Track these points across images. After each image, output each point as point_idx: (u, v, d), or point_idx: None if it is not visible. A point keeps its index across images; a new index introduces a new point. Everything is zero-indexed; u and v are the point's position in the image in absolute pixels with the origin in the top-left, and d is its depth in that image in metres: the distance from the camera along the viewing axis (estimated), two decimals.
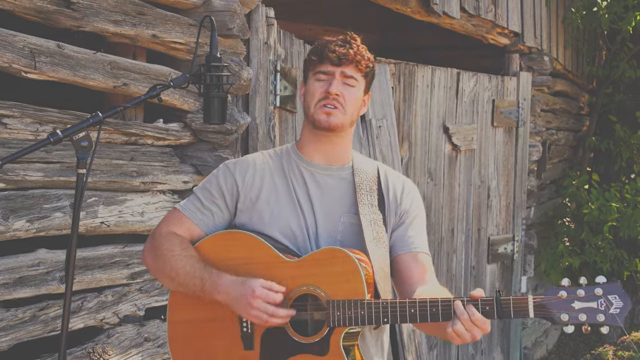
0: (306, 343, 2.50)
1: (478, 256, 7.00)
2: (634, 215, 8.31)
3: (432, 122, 6.35)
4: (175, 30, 3.67)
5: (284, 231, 2.62)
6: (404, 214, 2.71)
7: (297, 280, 2.51)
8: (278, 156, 2.74)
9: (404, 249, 2.67)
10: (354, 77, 2.61)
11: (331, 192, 2.67)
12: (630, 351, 8.74)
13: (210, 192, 2.69)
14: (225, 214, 2.68)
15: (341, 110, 2.60)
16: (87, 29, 3.27)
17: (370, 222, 2.62)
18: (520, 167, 7.45)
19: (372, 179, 2.71)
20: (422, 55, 7.38)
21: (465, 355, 6.90)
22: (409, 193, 2.74)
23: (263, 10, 4.33)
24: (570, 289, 2.33)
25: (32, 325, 3.15)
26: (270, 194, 2.66)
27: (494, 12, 6.88)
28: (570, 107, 9.46)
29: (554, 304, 2.33)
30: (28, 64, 2.99)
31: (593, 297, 2.30)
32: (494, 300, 2.37)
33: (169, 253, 2.60)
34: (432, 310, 2.40)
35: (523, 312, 2.35)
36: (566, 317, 2.32)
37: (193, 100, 3.84)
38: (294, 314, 2.48)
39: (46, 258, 3.20)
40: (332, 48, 2.60)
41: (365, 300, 2.44)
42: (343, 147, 2.71)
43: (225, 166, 2.72)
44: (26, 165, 3.10)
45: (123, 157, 3.54)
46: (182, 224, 2.67)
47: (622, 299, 2.29)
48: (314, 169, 2.69)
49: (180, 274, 2.57)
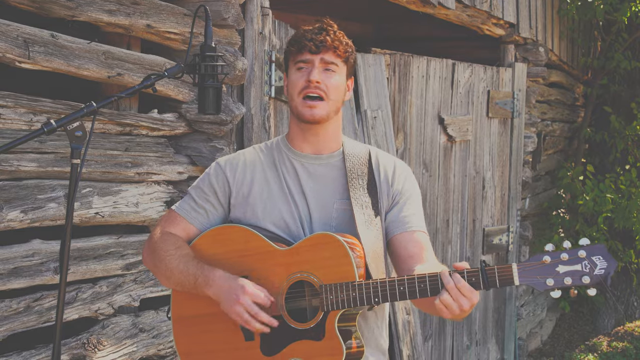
0: (303, 329, 2.52)
1: (473, 247, 7.01)
2: (629, 207, 8.33)
3: (427, 113, 6.34)
4: (169, 20, 3.66)
5: (277, 223, 2.65)
6: (397, 195, 2.72)
7: (290, 268, 2.54)
8: (269, 149, 2.77)
9: (400, 229, 2.68)
10: (334, 63, 2.62)
11: (323, 180, 2.69)
12: (624, 342, 8.77)
13: (203, 190, 2.73)
14: (219, 211, 2.73)
15: (325, 99, 2.61)
16: (81, 18, 3.26)
17: (362, 205, 2.63)
18: (515, 158, 7.46)
19: (363, 162, 2.72)
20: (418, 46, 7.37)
21: (460, 346, 6.91)
22: (400, 174, 2.75)
23: (258, 1, 4.31)
24: (554, 253, 2.32)
25: (27, 316, 3.15)
26: (262, 188, 2.69)
27: (489, 2, 6.87)
28: (565, 98, 9.46)
29: (538, 270, 2.32)
30: (22, 54, 2.98)
31: (577, 259, 2.30)
32: (479, 270, 2.37)
33: (164, 253, 2.64)
34: (420, 286, 2.41)
35: (508, 280, 2.35)
36: (552, 282, 2.31)
37: (188, 90, 3.82)
38: (275, 326, 2.49)
39: (40, 249, 3.19)
40: (309, 36, 2.61)
41: (356, 282, 2.46)
42: (330, 135, 2.72)
43: (217, 164, 2.76)
44: (20, 156, 3.09)
45: (117, 147, 3.53)
46: (177, 224, 2.73)
47: (606, 259, 2.28)
48: (304, 159, 2.71)
49: (174, 273, 2.61)
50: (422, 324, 6.24)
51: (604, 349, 8.63)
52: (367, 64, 5.60)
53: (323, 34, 2.62)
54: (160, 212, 3.76)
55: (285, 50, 2.72)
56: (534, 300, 8.72)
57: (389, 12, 7.11)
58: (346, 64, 2.67)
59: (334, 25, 2.67)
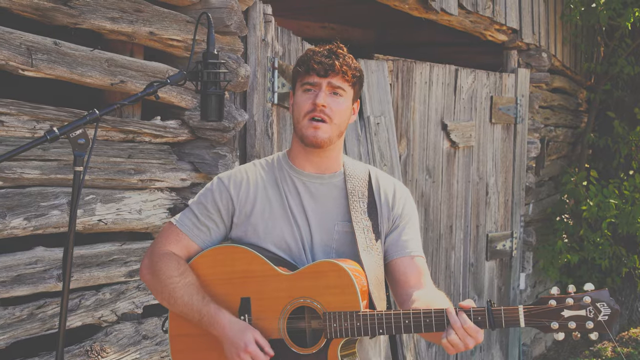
0: (305, 354, 2.51)
1: (477, 253, 7.00)
2: (633, 212, 8.31)
3: (430, 119, 6.34)
4: (172, 27, 3.66)
5: (278, 244, 2.64)
6: (397, 219, 2.72)
7: (293, 293, 2.53)
8: (270, 167, 2.74)
9: (399, 254, 2.68)
10: (341, 88, 2.61)
11: (324, 201, 2.68)
12: (629, 347, 8.75)
13: (206, 207, 2.69)
14: (221, 229, 2.70)
15: (328, 123, 2.60)
16: (84, 26, 3.27)
17: (363, 229, 2.63)
18: (519, 163, 7.45)
19: (363, 184, 2.72)
20: (420, 52, 7.39)
21: (464, 352, 6.89)
22: (400, 197, 2.75)
23: (261, 7, 4.32)
24: (560, 298, 2.38)
25: (30, 324, 3.15)
26: (264, 207, 2.66)
27: (492, 8, 6.88)
28: (568, 103, 9.45)
29: (544, 313, 2.38)
30: (25, 62, 2.98)
31: (582, 305, 2.36)
32: (485, 310, 2.40)
33: (167, 279, 2.61)
34: (425, 321, 2.42)
35: (514, 322, 2.39)
36: (556, 326, 2.37)
37: (191, 97, 3.83)
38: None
39: (44, 256, 3.19)
40: (317, 59, 2.59)
41: (361, 312, 2.46)
42: (333, 157, 2.72)
43: (220, 180, 2.72)
44: (23, 163, 3.09)
45: (121, 154, 3.54)
46: (179, 241, 2.68)
47: (610, 307, 2.35)
48: (306, 178, 2.69)
49: (178, 302, 2.59)
50: None
51: (609, 355, 8.61)
52: (369, 70, 5.61)
53: (332, 58, 2.60)
54: (163, 219, 3.76)
55: (293, 69, 2.71)
56: None
57: (392, 18, 7.12)
58: (353, 88, 2.66)
59: (343, 49, 2.66)
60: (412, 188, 6.15)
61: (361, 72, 2.68)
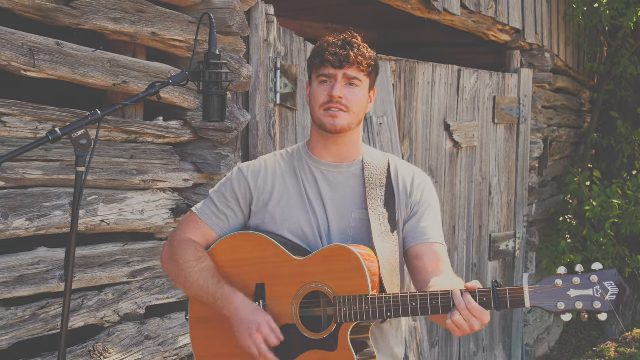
0: (316, 339, 2.53)
1: (480, 253, 6.99)
2: (636, 212, 8.29)
3: (433, 119, 6.34)
4: (174, 27, 3.66)
5: (295, 231, 2.66)
6: (415, 205, 2.71)
7: (305, 278, 2.55)
8: (290, 156, 2.77)
9: (417, 240, 2.68)
10: (357, 78, 2.61)
11: (342, 189, 2.69)
12: (632, 348, 8.73)
13: (225, 196, 2.73)
14: (239, 217, 2.74)
15: (347, 112, 2.61)
16: (87, 26, 3.27)
17: (379, 216, 2.63)
18: (522, 164, 7.44)
19: (382, 172, 2.72)
20: (423, 52, 7.38)
21: (467, 352, 6.89)
22: (419, 184, 2.74)
23: (263, 8, 4.32)
24: (566, 277, 2.32)
25: (32, 324, 3.15)
26: (281, 195, 2.69)
27: (494, 8, 6.87)
28: (571, 103, 9.44)
29: (549, 293, 2.32)
30: (27, 62, 2.99)
31: (589, 284, 2.30)
32: (491, 291, 2.37)
33: (184, 264, 2.66)
34: (432, 303, 2.42)
35: (519, 302, 2.36)
36: (562, 306, 2.32)
37: (193, 98, 3.83)
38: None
39: (46, 256, 3.20)
40: (332, 51, 2.59)
41: (370, 296, 2.47)
42: (352, 145, 2.72)
43: (239, 170, 2.76)
44: (26, 164, 3.10)
45: (123, 155, 3.54)
46: (198, 229, 2.73)
47: (618, 285, 2.28)
48: (324, 167, 2.71)
49: (194, 286, 2.64)
50: (429, 330, 6.22)
51: (612, 355, 8.59)
52: None
53: (347, 49, 2.59)
54: (165, 219, 3.76)
55: (308, 60, 2.71)
56: None
57: (394, 19, 7.11)
58: (369, 77, 2.66)
59: (358, 38, 2.64)
60: None
61: (376, 60, 2.68)
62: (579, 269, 2.33)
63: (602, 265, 2.31)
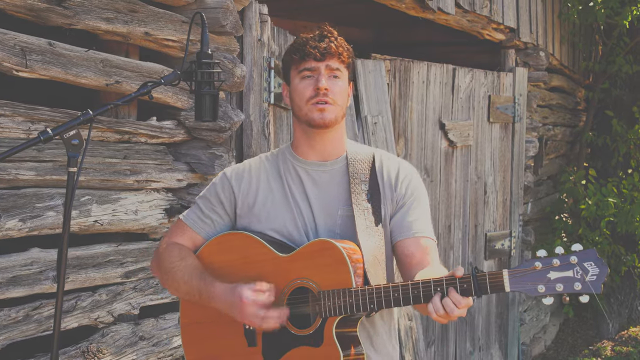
0: (302, 335, 2.53)
1: (475, 252, 6.99)
2: (631, 211, 8.31)
3: (428, 118, 6.33)
4: (167, 27, 3.66)
5: (280, 231, 2.66)
6: (401, 199, 2.70)
7: (290, 274, 2.56)
8: (274, 158, 2.78)
9: (403, 235, 2.67)
10: (339, 69, 2.63)
11: (327, 187, 2.69)
12: (628, 346, 8.74)
13: (210, 200, 2.76)
14: (225, 221, 2.75)
15: (333, 105, 2.61)
16: (79, 26, 3.26)
17: (364, 210, 2.63)
18: (517, 163, 7.44)
19: (366, 167, 2.71)
20: (418, 52, 7.38)
21: (463, 351, 6.89)
22: (404, 177, 2.73)
23: (256, 7, 4.31)
24: (545, 260, 2.29)
25: (26, 325, 3.14)
26: (266, 197, 2.70)
27: (489, 7, 6.87)
28: (566, 102, 9.45)
29: (529, 276, 2.29)
30: (19, 62, 2.97)
31: (568, 265, 2.26)
32: (471, 277, 2.36)
33: (169, 265, 2.69)
34: (413, 292, 2.42)
35: (499, 286, 2.34)
36: (543, 289, 2.28)
37: (186, 97, 3.82)
38: (288, 313, 2.51)
39: (39, 257, 3.18)
40: (312, 44, 2.61)
41: (352, 288, 2.47)
42: (337, 140, 2.73)
43: (224, 174, 2.78)
44: (18, 164, 3.09)
45: (116, 155, 3.53)
46: (184, 233, 2.76)
47: (598, 266, 2.25)
48: (309, 166, 2.71)
49: (181, 285, 2.66)
50: (425, 330, 6.22)
51: (608, 354, 8.60)
52: (367, 70, 5.60)
53: (326, 41, 2.62)
54: (159, 219, 3.75)
55: (284, 59, 2.72)
56: (537, 305, 8.70)
57: (389, 18, 7.11)
58: (348, 69, 2.68)
59: (334, 32, 2.67)
60: None
61: (352, 52, 2.71)
62: (559, 251, 2.29)
63: (581, 246, 2.28)
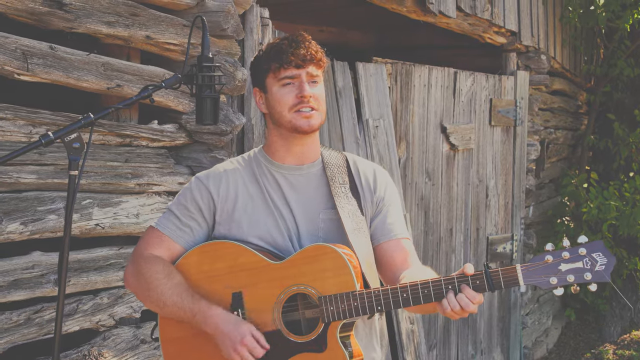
0: (303, 342, 2.50)
1: (477, 256, 6.99)
2: (633, 214, 8.30)
3: (429, 121, 6.34)
4: (168, 31, 3.66)
5: (264, 237, 2.61)
6: (380, 202, 2.71)
7: (285, 282, 2.52)
8: (247, 162, 2.72)
9: (385, 237, 2.68)
10: (318, 75, 2.61)
11: (306, 191, 2.67)
12: (630, 350, 8.72)
13: (187, 207, 2.65)
14: (203, 228, 2.66)
15: (317, 110, 2.60)
16: (80, 30, 3.26)
17: (349, 213, 2.62)
18: (519, 166, 7.44)
19: (342, 169, 2.71)
20: (419, 55, 7.37)
21: (465, 355, 6.88)
22: (382, 181, 2.74)
23: (257, 11, 4.32)
24: (555, 253, 2.38)
25: (27, 328, 3.14)
26: (246, 203, 2.64)
27: (490, 11, 6.87)
28: (568, 105, 9.45)
29: (541, 270, 2.37)
30: (20, 66, 2.98)
31: (578, 257, 2.36)
32: (484, 274, 2.39)
33: (154, 282, 2.57)
34: (424, 292, 2.42)
35: (513, 282, 2.39)
36: (555, 281, 2.37)
37: (187, 101, 3.82)
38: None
39: (41, 260, 3.19)
40: (293, 51, 2.56)
41: (357, 292, 2.46)
42: (314, 145, 2.71)
43: (198, 179, 2.68)
44: (20, 168, 3.09)
45: (117, 158, 3.53)
46: (161, 243, 2.64)
47: (606, 255, 2.35)
48: (286, 170, 2.67)
49: (168, 304, 2.56)
50: (427, 333, 6.22)
51: (610, 357, 8.59)
52: (368, 74, 5.61)
53: (304, 47, 2.57)
54: None
55: (256, 65, 2.65)
56: (539, 309, 8.69)
57: (390, 21, 7.12)
58: (323, 74, 2.67)
59: (307, 36, 2.62)
60: (412, 191, 6.14)
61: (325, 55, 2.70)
62: (566, 244, 2.40)
63: (587, 237, 2.38)
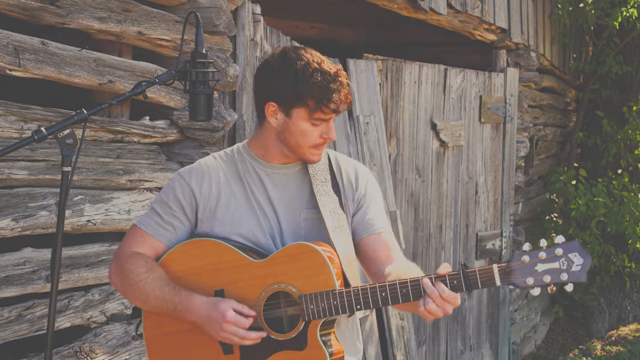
0: (284, 340, 2.51)
1: (466, 252, 7.01)
2: (621, 211, 8.35)
3: (419, 118, 6.35)
4: (161, 27, 3.65)
5: (246, 235, 2.61)
6: (361, 199, 2.72)
7: (267, 280, 2.52)
8: (230, 158, 2.70)
9: (367, 232, 2.69)
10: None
11: (289, 189, 2.67)
12: (618, 346, 8.78)
13: (169, 205, 2.64)
14: (186, 226, 2.65)
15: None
16: (72, 25, 3.25)
17: (330, 211, 2.63)
18: (508, 163, 7.47)
19: (324, 167, 2.71)
20: (410, 52, 7.39)
21: (454, 351, 6.91)
22: (362, 178, 2.75)
23: (249, 7, 4.31)
24: (532, 253, 2.37)
25: (18, 325, 3.13)
26: (229, 201, 2.63)
27: (480, 8, 6.89)
28: (557, 103, 9.49)
29: (518, 270, 2.37)
30: (12, 62, 2.97)
31: (554, 257, 2.36)
32: (460, 273, 2.39)
33: (135, 277, 2.57)
34: (402, 291, 2.42)
35: (490, 282, 2.38)
36: (531, 281, 2.36)
37: (179, 97, 3.82)
38: (265, 336, 2.49)
39: (32, 257, 3.18)
40: (335, 98, 2.52)
41: (337, 290, 2.47)
42: None
43: (180, 176, 2.66)
44: (11, 164, 3.08)
45: (109, 154, 3.53)
46: (144, 242, 2.64)
47: (582, 256, 2.35)
48: (270, 169, 2.67)
49: (150, 297, 2.56)
50: (416, 329, 6.23)
51: (598, 353, 8.64)
52: (359, 70, 5.61)
53: (342, 91, 2.54)
54: None
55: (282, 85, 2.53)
56: (528, 305, 8.73)
57: (381, 18, 7.12)
58: None
59: (346, 77, 2.59)
60: (402, 187, 6.15)
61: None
62: (543, 244, 2.39)
63: (564, 238, 2.38)
